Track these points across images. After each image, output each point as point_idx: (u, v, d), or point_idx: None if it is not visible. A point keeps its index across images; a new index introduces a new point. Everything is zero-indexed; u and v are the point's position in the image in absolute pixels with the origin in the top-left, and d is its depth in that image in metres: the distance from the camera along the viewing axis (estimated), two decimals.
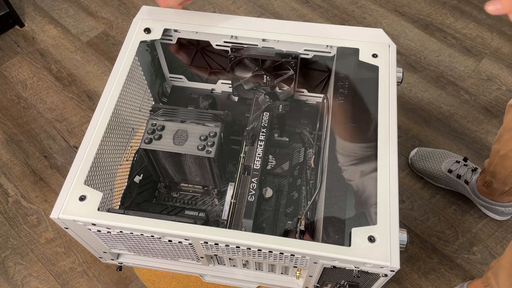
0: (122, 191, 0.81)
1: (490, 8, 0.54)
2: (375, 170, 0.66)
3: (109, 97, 0.74)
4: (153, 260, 0.81)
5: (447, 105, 1.47)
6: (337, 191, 0.66)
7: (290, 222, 0.81)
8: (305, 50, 0.83)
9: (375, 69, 0.76)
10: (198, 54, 0.92)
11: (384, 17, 1.69)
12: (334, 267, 0.62)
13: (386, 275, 0.62)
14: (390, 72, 0.76)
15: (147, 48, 0.87)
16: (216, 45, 0.86)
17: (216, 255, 0.72)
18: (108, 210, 0.67)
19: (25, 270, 1.22)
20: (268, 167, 0.88)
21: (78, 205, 0.64)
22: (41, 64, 1.61)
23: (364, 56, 0.77)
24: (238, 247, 0.63)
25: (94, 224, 0.63)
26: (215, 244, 0.63)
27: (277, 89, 0.92)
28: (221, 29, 0.82)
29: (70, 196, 0.64)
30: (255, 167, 0.77)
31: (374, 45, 0.79)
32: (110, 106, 0.73)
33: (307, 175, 0.86)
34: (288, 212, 0.82)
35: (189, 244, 0.65)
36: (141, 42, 0.81)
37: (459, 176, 1.24)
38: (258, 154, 0.79)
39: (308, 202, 0.82)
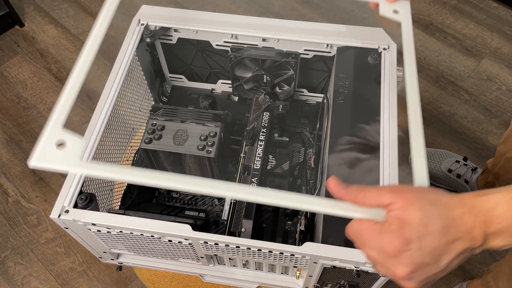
0: (122, 191, 0.80)
1: None
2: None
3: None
4: (153, 260, 0.81)
5: (447, 105, 1.47)
6: None
7: (290, 222, 0.81)
8: (305, 49, 0.83)
9: (375, 69, 0.76)
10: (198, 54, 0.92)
11: None
12: (334, 267, 0.62)
13: (386, 275, 0.62)
14: (390, 72, 0.76)
15: (147, 48, 0.87)
16: (216, 45, 0.86)
17: (216, 255, 0.72)
18: (108, 210, 0.67)
19: (25, 270, 1.22)
20: (268, 167, 0.88)
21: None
22: (41, 64, 1.61)
23: (385, 11, 0.62)
24: (238, 247, 0.62)
25: (94, 224, 0.63)
26: (215, 244, 0.63)
27: (277, 89, 0.92)
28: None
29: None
30: (255, 167, 0.77)
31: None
32: (110, 106, 0.73)
33: (307, 175, 0.86)
34: (288, 212, 0.82)
35: (189, 244, 0.65)
36: (141, 42, 0.81)
37: (459, 176, 1.24)
38: (258, 154, 0.79)
39: None
